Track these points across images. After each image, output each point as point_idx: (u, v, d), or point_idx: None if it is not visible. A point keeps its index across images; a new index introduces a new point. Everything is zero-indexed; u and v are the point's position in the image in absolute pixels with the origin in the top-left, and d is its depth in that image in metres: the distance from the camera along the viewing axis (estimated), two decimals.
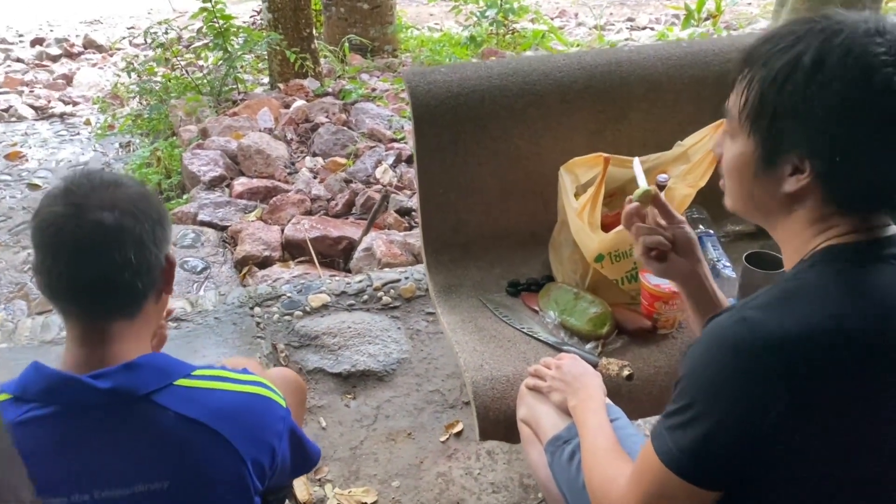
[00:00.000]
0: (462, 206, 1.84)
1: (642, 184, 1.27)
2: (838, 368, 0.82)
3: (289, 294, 2.36)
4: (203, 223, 3.13)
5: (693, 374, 0.89)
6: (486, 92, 1.78)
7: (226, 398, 1.07)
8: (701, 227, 1.87)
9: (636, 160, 1.36)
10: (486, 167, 1.82)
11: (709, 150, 1.63)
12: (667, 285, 1.58)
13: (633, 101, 1.87)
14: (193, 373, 1.05)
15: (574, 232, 1.66)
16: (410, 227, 2.98)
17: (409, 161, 3.56)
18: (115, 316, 1.02)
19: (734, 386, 0.83)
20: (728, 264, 1.74)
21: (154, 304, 1.08)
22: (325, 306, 2.33)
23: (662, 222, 1.23)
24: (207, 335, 2.21)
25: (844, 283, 0.86)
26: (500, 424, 1.52)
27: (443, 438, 1.98)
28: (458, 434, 2.00)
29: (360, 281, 2.41)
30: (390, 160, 3.54)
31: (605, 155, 1.60)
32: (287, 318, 2.29)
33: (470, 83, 1.77)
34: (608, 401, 1.35)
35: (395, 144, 3.76)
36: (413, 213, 3.05)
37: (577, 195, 1.68)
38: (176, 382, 1.02)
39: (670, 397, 1.59)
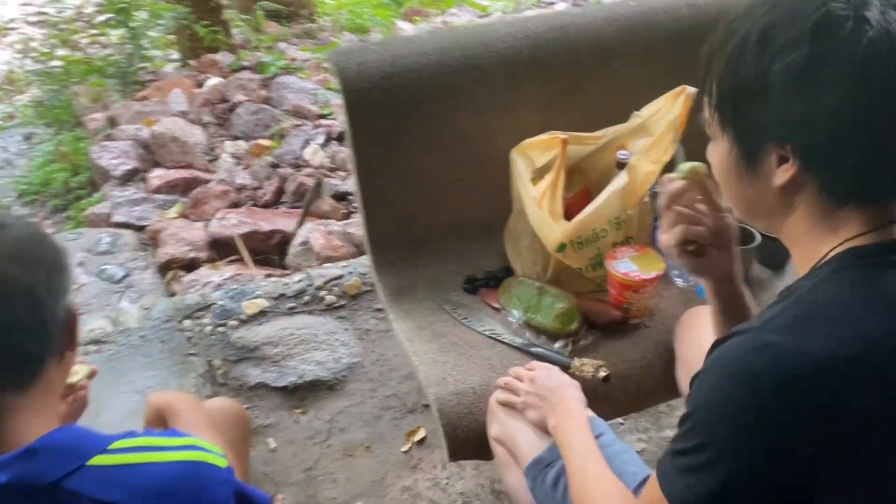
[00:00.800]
0: (408, 199, 1.67)
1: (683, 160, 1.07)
2: (873, 395, 0.71)
3: (221, 302, 2.15)
4: (119, 225, 2.86)
5: (706, 410, 0.75)
6: (424, 70, 1.59)
7: (154, 473, 0.89)
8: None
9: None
10: (430, 154, 1.65)
11: (671, 122, 1.50)
12: (636, 273, 1.46)
13: (583, 69, 1.71)
14: (111, 446, 0.87)
15: (533, 222, 1.51)
16: (349, 214, 2.78)
17: (339, 139, 3.35)
18: (6, 389, 0.84)
19: (757, 425, 0.71)
20: None
21: (57, 367, 0.90)
22: (262, 313, 2.13)
23: (703, 209, 1.03)
24: (133, 357, 2.00)
25: (871, 295, 0.75)
26: (470, 443, 1.38)
27: (405, 448, 1.84)
28: (421, 441, 1.86)
29: (300, 280, 2.22)
30: (320, 139, 3.31)
31: (562, 135, 1.45)
32: (221, 329, 2.08)
33: (405, 61, 1.59)
34: (590, 412, 1.22)
35: (323, 121, 3.53)
36: (350, 198, 2.86)
37: (534, 180, 1.53)
38: (90, 462, 0.84)
39: (653, 396, 1.49)
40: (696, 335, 1.42)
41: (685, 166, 1.01)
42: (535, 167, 1.53)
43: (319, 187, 2.64)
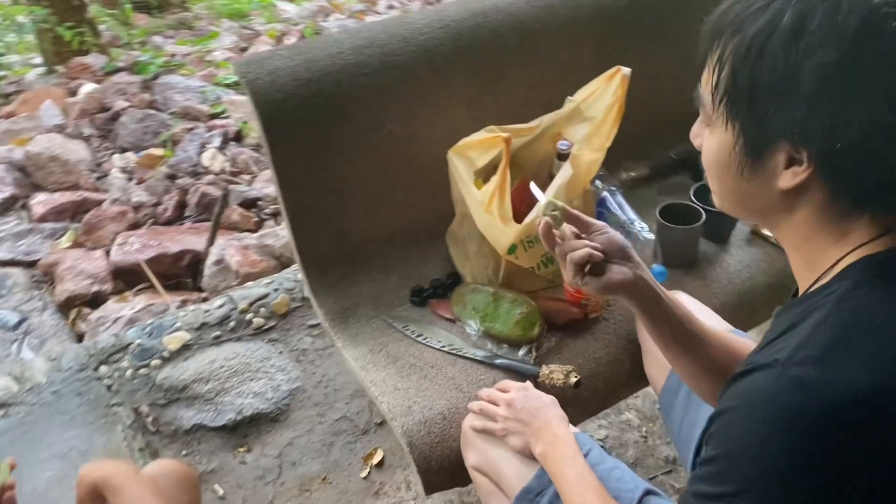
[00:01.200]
0: (339, 214, 1.54)
1: (541, 197, 1.07)
2: None
3: (138, 341, 1.96)
4: (4, 263, 2.57)
5: (741, 454, 0.68)
6: (342, 72, 1.46)
7: None
8: (599, 183, 1.69)
9: (533, 185, 1.14)
10: (358, 163, 1.52)
11: (609, 106, 1.43)
12: None
13: (508, 56, 1.62)
14: None
15: (482, 227, 1.42)
16: (261, 222, 2.61)
17: (238, 139, 3.14)
18: None
19: (802, 469, 0.65)
20: (644, 224, 1.58)
21: None
22: (186, 347, 1.95)
23: (578, 233, 1.02)
24: (48, 418, 1.79)
25: None
26: (445, 472, 1.29)
27: (363, 474, 1.73)
28: (380, 464, 1.75)
29: (222, 305, 2.05)
30: (216, 142, 3.09)
31: (505, 134, 1.36)
32: (143, 371, 1.90)
33: (320, 65, 1.44)
34: (574, 429, 1.15)
35: (217, 121, 3.29)
36: (260, 204, 2.67)
37: (477, 183, 1.43)
38: None
39: (622, 391, 1.42)
40: None
41: (542, 204, 0.99)
42: (476, 167, 1.43)
43: (227, 197, 2.45)
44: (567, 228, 1.01)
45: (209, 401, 1.84)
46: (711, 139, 0.79)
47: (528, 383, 1.24)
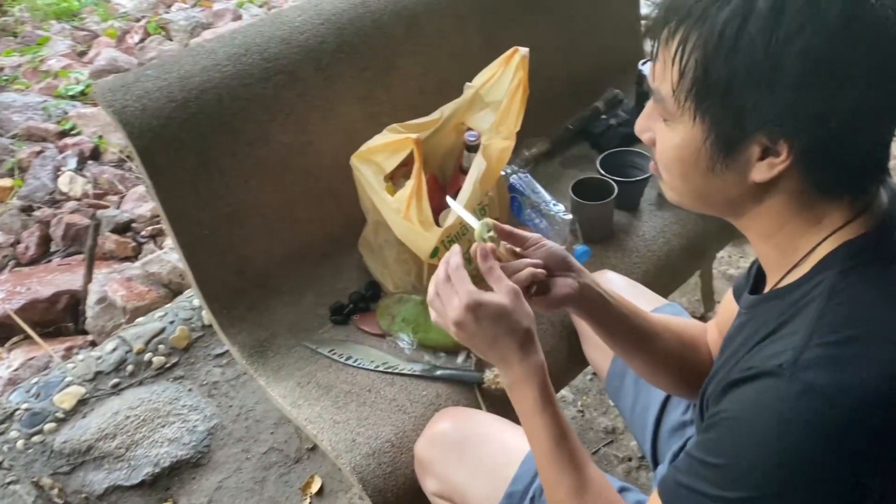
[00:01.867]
0: (238, 240, 1.40)
1: (473, 221, 0.96)
2: None
3: (25, 405, 1.74)
4: None
5: (751, 466, 0.65)
6: (221, 86, 1.31)
7: None
8: (511, 168, 1.64)
9: (449, 200, 1.05)
10: (252, 182, 1.39)
11: (513, 89, 1.36)
12: None
13: (395, 45, 1.52)
14: None
15: (401, 234, 1.33)
16: (139, 246, 2.38)
17: (96, 157, 2.86)
18: None
19: (821, 479, 0.62)
20: (560, 205, 1.54)
21: None
22: (82, 402, 1.76)
23: (517, 250, 0.96)
24: None
25: None
26: (401, 502, 1.21)
27: None
28: (320, 492, 1.65)
29: (114, 349, 1.85)
30: (72, 163, 2.80)
31: (414, 135, 1.27)
32: (37, 438, 1.69)
33: (195, 81, 1.29)
34: None
35: (68, 139, 2.98)
36: (135, 226, 2.45)
37: (388, 188, 1.34)
38: None
39: (564, 378, 1.38)
40: None
41: (479, 229, 0.92)
42: (384, 172, 1.34)
43: (98, 226, 2.22)
44: (503, 247, 0.94)
45: (120, 458, 1.67)
46: (671, 135, 0.74)
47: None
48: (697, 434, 0.77)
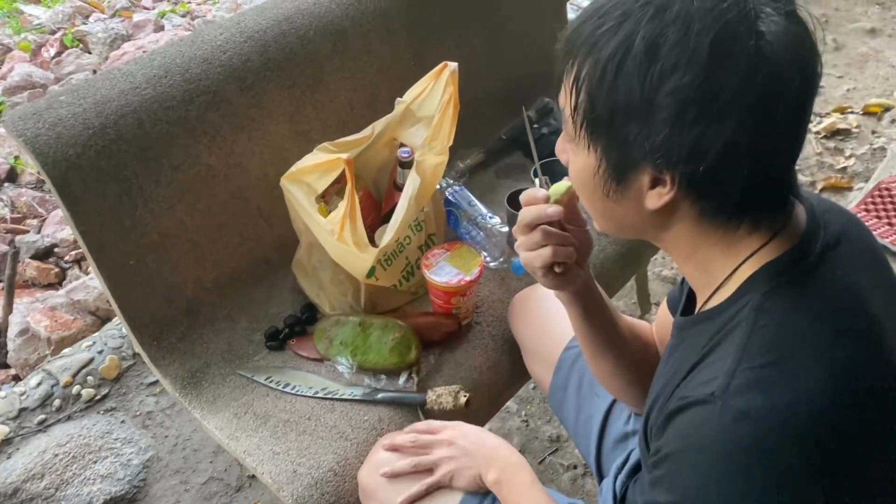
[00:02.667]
0: (166, 268, 1.35)
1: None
2: (879, 417, 0.67)
3: None
4: None
5: (701, 496, 0.65)
6: (141, 110, 1.26)
7: None
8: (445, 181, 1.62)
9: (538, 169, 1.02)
10: (178, 208, 1.33)
11: (444, 104, 1.35)
12: (459, 276, 1.33)
13: (322, 60, 1.49)
14: None
15: (336, 256, 1.30)
16: (63, 273, 2.28)
17: (12, 179, 2.73)
18: None
19: (765, 500, 0.63)
20: (494, 215, 1.54)
21: None
22: (6, 441, 1.67)
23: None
24: None
25: (825, 313, 0.68)
26: None
27: None
28: None
29: (39, 383, 1.77)
30: None
31: (345, 155, 1.24)
32: None
33: (113, 105, 1.24)
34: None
35: None
36: (58, 251, 2.34)
37: (321, 209, 1.31)
38: None
39: (507, 393, 1.40)
40: (533, 319, 1.35)
41: (561, 187, 0.87)
42: (316, 193, 1.30)
43: (17, 253, 2.12)
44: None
45: (49, 499, 1.59)
46: (576, 159, 0.76)
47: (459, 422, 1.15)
48: (644, 464, 0.77)
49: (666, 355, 0.84)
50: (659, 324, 1.09)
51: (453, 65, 1.35)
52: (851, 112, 2.82)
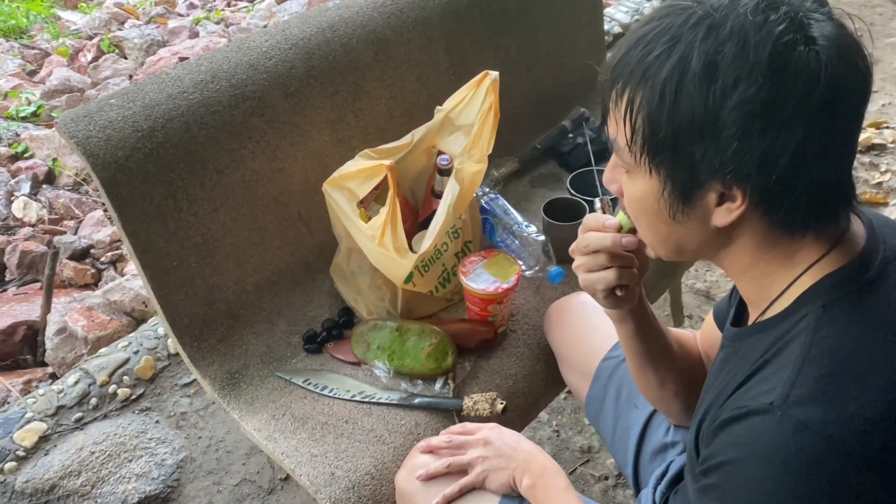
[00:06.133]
0: (208, 270, 1.37)
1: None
2: None
3: None
4: None
5: None
6: (188, 114, 1.28)
7: None
8: (481, 189, 1.63)
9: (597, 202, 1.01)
10: (221, 210, 1.36)
11: (484, 113, 1.36)
12: (497, 284, 1.34)
13: (364, 68, 1.50)
14: None
15: (376, 261, 1.31)
16: (99, 273, 2.32)
17: (50, 181, 2.78)
18: None
19: None
20: (530, 224, 1.54)
21: None
22: (44, 439, 1.70)
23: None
24: None
25: (886, 325, 0.68)
26: None
27: None
28: None
29: (77, 381, 1.80)
30: (25, 188, 2.72)
31: (387, 161, 1.25)
32: None
33: (161, 109, 1.26)
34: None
35: (21, 163, 2.89)
36: (94, 252, 2.38)
37: (362, 214, 1.32)
38: None
39: (542, 401, 1.39)
40: (570, 329, 1.35)
41: (625, 217, 0.88)
42: (357, 199, 1.32)
43: (57, 254, 2.15)
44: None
45: (86, 496, 1.61)
46: (634, 186, 0.76)
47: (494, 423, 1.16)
48: (691, 474, 0.77)
49: (717, 366, 0.84)
50: (704, 336, 1.09)
51: (494, 74, 1.37)
52: (887, 127, 2.79)
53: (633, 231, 0.87)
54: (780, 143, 0.64)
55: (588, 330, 1.30)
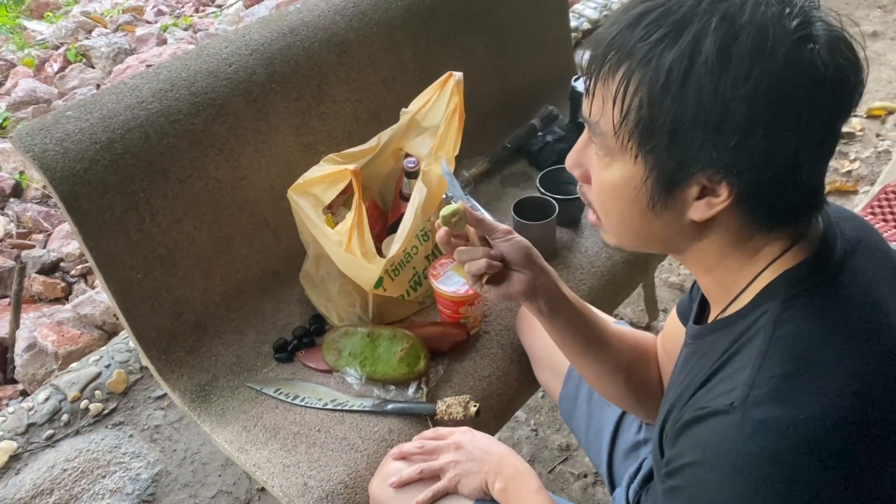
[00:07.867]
0: (173, 281, 1.35)
1: (459, 193, 1.04)
2: (889, 434, 0.65)
3: None
4: None
5: None
6: (147, 124, 1.26)
7: None
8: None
9: (443, 163, 1.07)
10: (185, 221, 1.34)
11: (449, 114, 1.35)
12: (466, 286, 1.32)
13: (327, 72, 1.49)
14: None
15: (344, 267, 1.30)
16: (69, 286, 2.28)
17: (17, 194, 2.74)
18: None
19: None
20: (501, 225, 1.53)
21: None
22: (15, 458, 1.67)
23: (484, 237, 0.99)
24: None
25: (843, 324, 0.68)
26: None
27: None
28: None
29: (47, 398, 1.76)
30: None
31: (352, 166, 1.24)
32: None
33: (119, 120, 1.24)
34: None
35: None
36: (64, 265, 2.35)
37: (328, 220, 1.31)
38: None
39: (516, 402, 1.39)
40: (543, 330, 1.33)
41: (446, 211, 0.95)
42: (323, 205, 1.30)
43: (24, 269, 2.12)
44: (473, 232, 0.97)
45: None
46: (610, 172, 0.73)
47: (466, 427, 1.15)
48: (657, 472, 0.76)
49: (680, 364, 0.83)
50: (667, 333, 1.09)
51: (458, 74, 1.36)
52: (855, 115, 2.81)
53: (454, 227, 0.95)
54: (781, 141, 0.63)
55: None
